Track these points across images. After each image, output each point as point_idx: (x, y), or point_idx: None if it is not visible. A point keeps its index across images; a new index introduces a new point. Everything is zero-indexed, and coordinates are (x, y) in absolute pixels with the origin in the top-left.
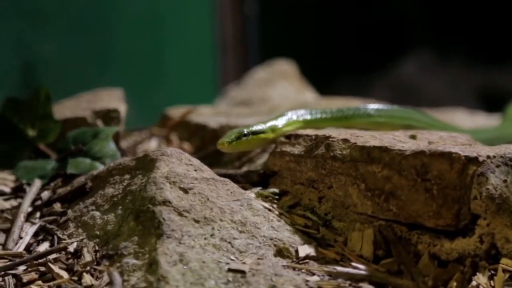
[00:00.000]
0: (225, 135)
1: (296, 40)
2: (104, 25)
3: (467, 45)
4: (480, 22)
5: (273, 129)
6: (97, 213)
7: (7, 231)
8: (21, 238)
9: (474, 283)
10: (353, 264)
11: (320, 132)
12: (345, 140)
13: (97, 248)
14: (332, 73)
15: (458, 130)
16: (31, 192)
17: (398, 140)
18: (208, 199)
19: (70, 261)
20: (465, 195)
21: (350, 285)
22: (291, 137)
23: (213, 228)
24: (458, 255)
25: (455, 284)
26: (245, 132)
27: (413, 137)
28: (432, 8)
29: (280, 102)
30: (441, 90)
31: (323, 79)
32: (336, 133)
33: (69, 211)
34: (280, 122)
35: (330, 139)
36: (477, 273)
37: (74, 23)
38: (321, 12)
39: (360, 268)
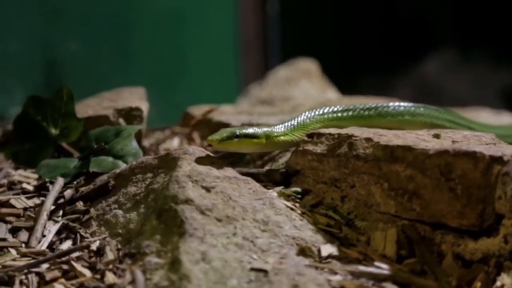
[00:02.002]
0: (218, 132)
1: (318, 39)
2: (127, 24)
3: (491, 44)
4: (505, 22)
5: (268, 135)
6: (119, 212)
7: (30, 229)
8: (44, 236)
9: (498, 283)
10: (376, 263)
11: (343, 131)
12: (368, 139)
13: (119, 246)
14: (354, 72)
15: (488, 128)
16: (54, 191)
17: (422, 139)
18: (230, 197)
19: (93, 259)
20: (489, 195)
21: (373, 285)
22: (313, 136)
23: (235, 227)
24: (482, 255)
25: (479, 284)
26: (238, 133)
27: (436, 136)
28: (457, 6)
29: (302, 101)
30: (464, 89)
31: (345, 78)
32: (359, 132)
33: (92, 210)
34: (276, 130)
35: (353, 138)
36: (502, 273)
37: (96, 22)
38: (343, 11)
39: (383, 268)
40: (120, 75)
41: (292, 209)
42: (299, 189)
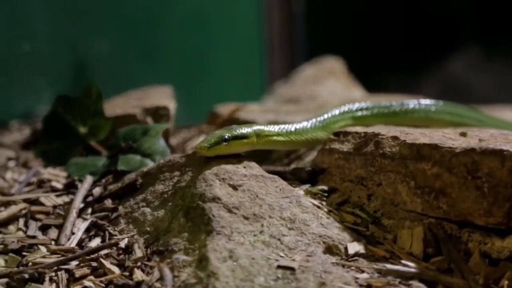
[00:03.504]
0: (206, 137)
1: (343, 37)
2: (154, 23)
3: None
4: None
5: (258, 134)
6: (147, 210)
7: (60, 227)
8: (73, 233)
9: None
10: (403, 262)
11: (369, 130)
12: (395, 138)
13: (147, 244)
14: (379, 70)
15: None
16: (83, 188)
17: (448, 138)
18: (257, 196)
19: (121, 256)
20: None
21: (400, 283)
22: (340, 135)
23: (262, 225)
24: (510, 254)
25: (506, 282)
26: (226, 137)
27: (463, 134)
28: (482, 4)
29: (328, 99)
30: (489, 87)
31: (370, 76)
32: (386, 130)
33: (120, 207)
34: (268, 128)
35: (380, 137)
36: None
37: (124, 21)
38: (368, 9)
39: (410, 266)
40: (147, 74)
41: (318, 207)
42: (325, 187)
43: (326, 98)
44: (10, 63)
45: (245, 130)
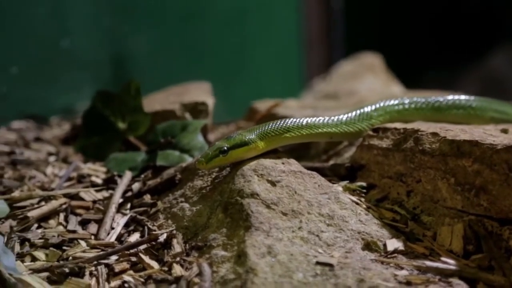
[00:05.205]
0: (204, 152)
1: (381, 33)
2: (193, 20)
3: None
4: None
5: (263, 136)
6: (186, 205)
7: (99, 222)
8: (112, 228)
9: None
10: (443, 259)
11: (409, 126)
12: (435, 134)
13: (186, 239)
14: (418, 66)
15: None
16: (122, 184)
17: (489, 134)
18: (295, 192)
19: (160, 251)
20: None
21: (439, 280)
22: (379, 131)
23: (300, 221)
24: None
25: None
26: (225, 148)
27: (504, 131)
28: None
29: (367, 95)
30: None
31: (409, 72)
32: (425, 126)
33: (159, 203)
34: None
35: (419, 133)
36: None
37: (163, 18)
38: (407, 5)
39: (449, 263)
40: (186, 70)
41: (357, 203)
42: (364, 184)
43: (364, 94)
44: (50, 60)
45: (244, 137)
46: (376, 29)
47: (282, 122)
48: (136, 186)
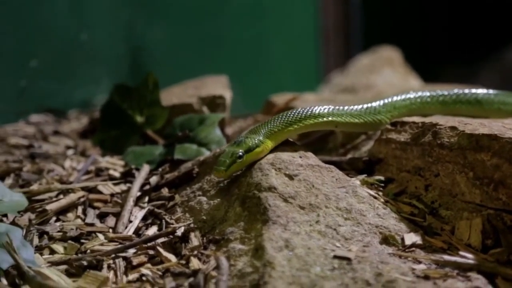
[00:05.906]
0: (218, 160)
1: (399, 27)
2: (211, 13)
3: None
4: None
5: (270, 133)
6: (203, 198)
7: (117, 215)
8: (130, 221)
9: None
10: (461, 253)
11: (427, 120)
12: (453, 128)
13: (204, 232)
14: (437, 60)
15: None
16: (140, 177)
17: (508, 128)
18: (313, 185)
19: (178, 245)
20: None
21: (458, 274)
22: (397, 124)
23: (318, 215)
24: None
25: None
26: (240, 154)
27: None
28: None
29: (385, 88)
30: None
31: (428, 65)
32: (444, 120)
33: (177, 196)
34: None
35: (437, 127)
36: None
37: (180, 11)
38: None
39: (468, 257)
40: (204, 63)
41: (375, 197)
42: (382, 178)
43: (382, 87)
44: (68, 54)
45: (254, 140)
46: (394, 22)
47: (284, 116)
48: (153, 179)
